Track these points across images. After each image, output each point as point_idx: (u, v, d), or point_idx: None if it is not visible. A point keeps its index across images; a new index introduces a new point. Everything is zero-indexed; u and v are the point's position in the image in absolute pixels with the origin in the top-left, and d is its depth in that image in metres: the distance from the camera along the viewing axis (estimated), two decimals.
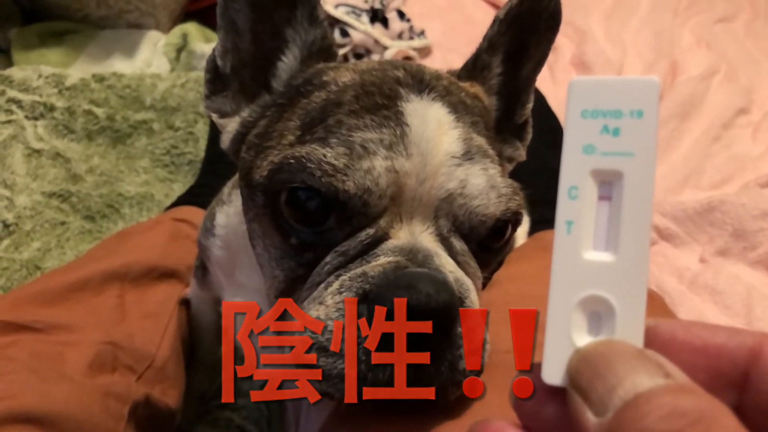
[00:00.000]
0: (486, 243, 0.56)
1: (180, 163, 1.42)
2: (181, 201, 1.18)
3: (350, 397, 0.45)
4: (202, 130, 1.45)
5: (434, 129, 0.53)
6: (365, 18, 1.56)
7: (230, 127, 0.63)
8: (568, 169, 0.31)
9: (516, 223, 0.57)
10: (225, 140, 0.64)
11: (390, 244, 0.51)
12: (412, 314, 0.44)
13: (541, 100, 1.30)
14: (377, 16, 1.57)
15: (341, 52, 1.55)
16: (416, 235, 0.52)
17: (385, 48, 1.57)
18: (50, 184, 1.34)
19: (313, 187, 0.50)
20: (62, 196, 1.33)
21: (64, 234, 1.27)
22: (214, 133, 1.27)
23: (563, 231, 0.31)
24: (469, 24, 1.73)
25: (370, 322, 0.45)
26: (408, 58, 1.62)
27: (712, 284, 1.03)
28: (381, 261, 0.49)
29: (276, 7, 0.61)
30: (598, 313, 0.31)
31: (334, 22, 1.53)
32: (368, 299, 0.47)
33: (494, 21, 0.65)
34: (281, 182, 0.52)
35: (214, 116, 0.64)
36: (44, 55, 1.57)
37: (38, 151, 1.39)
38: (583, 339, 0.31)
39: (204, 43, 1.62)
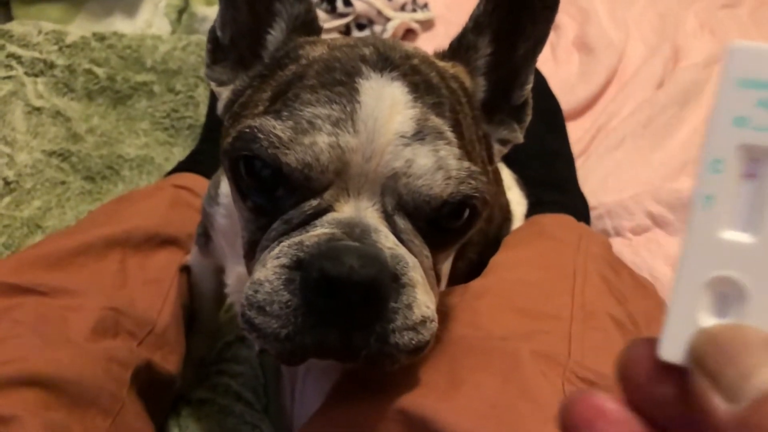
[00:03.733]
0: (441, 223, 0.57)
1: (180, 127, 1.42)
2: (181, 167, 1.19)
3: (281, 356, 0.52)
4: (202, 94, 1.44)
5: (386, 107, 0.54)
6: None
7: (224, 95, 0.66)
8: (714, 140, 0.29)
9: (473, 206, 0.57)
10: (219, 107, 0.67)
11: (330, 216, 0.54)
12: (337, 286, 0.48)
13: (541, 81, 1.30)
14: None
15: (343, 21, 1.54)
16: (360, 210, 0.54)
17: (387, 19, 1.56)
18: (50, 142, 1.34)
19: (260, 157, 0.53)
20: (62, 156, 1.33)
21: (64, 194, 1.28)
22: (214, 99, 1.28)
23: (701, 205, 0.30)
24: None
25: (301, 288, 0.50)
26: (410, 30, 1.61)
27: None
28: (318, 231, 0.52)
29: None
30: (725, 294, 0.29)
31: None
32: (302, 267, 0.50)
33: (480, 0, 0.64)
34: (237, 149, 0.55)
35: (213, 84, 0.67)
36: (44, 9, 1.56)
37: (38, 109, 1.38)
38: (707, 320, 0.29)
39: (205, 6, 1.60)
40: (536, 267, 0.76)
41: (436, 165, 0.53)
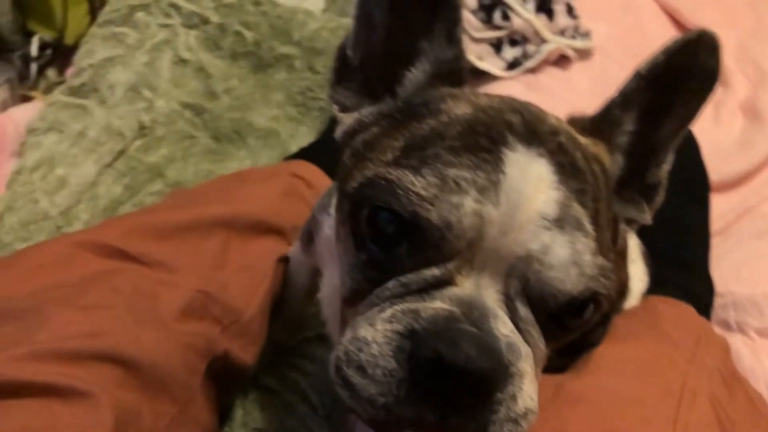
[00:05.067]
0: (559, 317, 0.53)
1: (311, 107, 1.43)
2: (302, 154, 1.19)
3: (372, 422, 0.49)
4: None
5: (532, 184, 0.51)
6: (531, 5, 1.47)
7: (347, 121, 0.63)
8: None
9: (598, 304, 0.53)
10: (338, 132, 0.64)
11: (451, 291, 0.50)
12: (449, 370, 0.45)
13: (692, 146, 1.19)
14: (544, 6, 1.48)
15: (497, 34, 1.48)
16: (481, 288, 0.51)
17: (543, 41, 1.49)
18: (189, 95, 1.39)
19: (395, 210, 0.50)
20: (196, 111, 1.37)
21: (190, 148, 1.32)
22: None
23: None
24: (639, 33, 1.60)
25: (408, 360, 0.47)
26: (564, 56, 1.53)
27: None
28: (436, 305, 0.49)
29: (415, 13, 0.59)
30: None
31: (497, 2, 1.45)
32: (413, 337, 0.48)
33: (634, 75, 0.60)
34: (367, 198, 0.52)
35: (335, 108, 0.64)
36: None
37: (185, 61, 1.43)
38: None
39: None
40: (641, 374, 0.69)
41: (572, 259, 0.50)
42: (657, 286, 1.00)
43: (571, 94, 1.50)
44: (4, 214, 1.07)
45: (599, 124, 0.62)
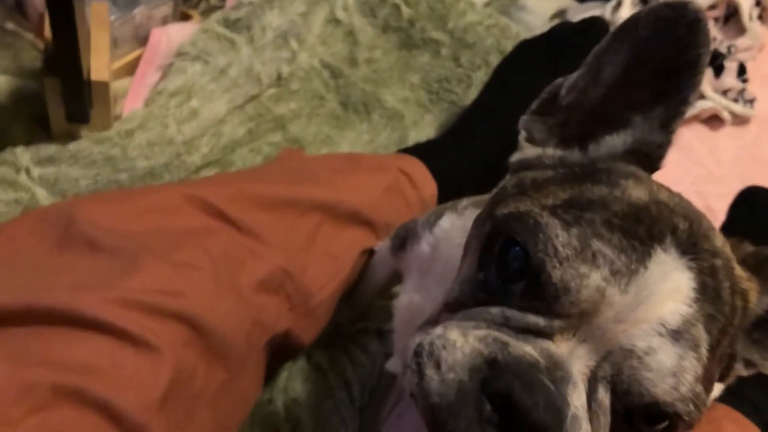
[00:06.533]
0: (632, 417, 0.52)
1: (443, 99, 1.42)
2: (417, 149, 1.19)
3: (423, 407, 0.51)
4: (480, 79, 1.42)
5: (666, 290, 0.50)
6: None
7: (528, 153, 0.64)
8: None
9: (674, 426, 0.52)
10: (515, 157, 0.65)
11: (546, 344, 0.51)
12: (512, 410, 0.47)
13: None
14: (714, 61, 1.39)
15: None
16: (574, 357, 0.51)
17: (702, 96, 1.40)
18: (332, 56, 1.42)
19: (527, 251, 0.51)
20: (334, 73, 1.40)
21: (317, 108, 1.35)
22: (491, 119, 1.24)
23: None
24: None
25: (481, 383, 0.49)
26: (717, 117, 1.43)
27: None
28: (527, 349, 0.50)
29: (643, 90, 0.58)
30: None
31: None
32: (493, 365, 0.49)
33: None
34: (509, 228, 0.54)
35: (522, 134, 0.65)
36: None
37: (338, 21, 1.45)
38: None
39: None
40: None
41: (672, 371, 0.50)
42: (729, 395, 0.95)
43: (712, 159, 1.42)
44: (136, 131, 1.15)
45: (761, 262, 0.60)
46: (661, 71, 0.57)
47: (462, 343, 0.51)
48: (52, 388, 0.59)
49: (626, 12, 1.48)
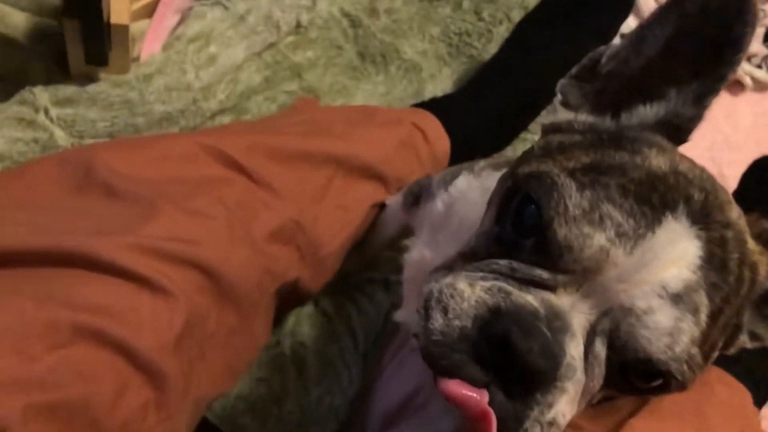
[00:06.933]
0: (628, 372, 0.55)
1: (462, 52, 1.41)
2: (432, 104, 1.19)
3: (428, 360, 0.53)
4: (501, 34, 1.40)
5: (671, 256, 0.52)
6: None
7: (561, 116, 0.65)
8: None
9: (667, 384, 0.55)
10: (546, 119, 0.66)
11: (548, 296, 0.54)
12: (510, 352, 0.50)
13: None
14: None
15: None
16: (574, 309, 0.53)
17: None
18: (351, 5, 1.40)
19: (540, 209, 0.54)
20: (353, 22, 1.38)
21: (333, 58, 1.35)
22: (516, 78, 1.23)
23: None
24: None
25: (481, 327, 0.52)
26: (739, 82, 1.41)
27: None
28: (529, 299, 0.53)
29: (683, 65, 0.59)
30: None
31: None
32: (496, 312, 0.52)
33: None
34: (527, 185, 0.56)
35: (558, 97, 0.65)
36: None
37: None
38: None
39: None
40: None
41: (668, 331, 0.52)
42: (722, 355, 0.97)
43: (729, 125, 1.41)
44: (154, 75, 1.16)
45: None
46: (703, 47, 0.57)
47: (469, 293, 0.53)
48: (73, 327, 0.62)
49: None
